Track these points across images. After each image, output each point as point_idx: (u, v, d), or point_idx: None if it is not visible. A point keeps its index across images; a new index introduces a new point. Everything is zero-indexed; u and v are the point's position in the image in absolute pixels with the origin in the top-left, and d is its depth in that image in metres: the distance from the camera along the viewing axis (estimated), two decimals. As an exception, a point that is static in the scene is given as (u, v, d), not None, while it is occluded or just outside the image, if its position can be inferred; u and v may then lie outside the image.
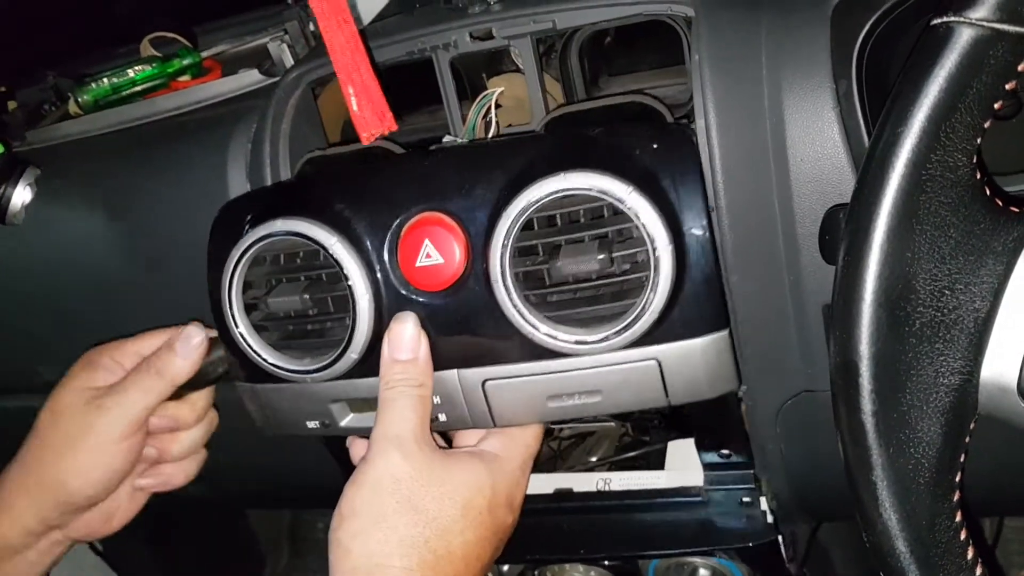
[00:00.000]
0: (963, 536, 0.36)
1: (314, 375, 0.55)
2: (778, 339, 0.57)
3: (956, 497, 0.36)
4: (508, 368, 0.53)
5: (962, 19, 0.33)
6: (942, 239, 0.34)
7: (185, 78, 0.80)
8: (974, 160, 0.35)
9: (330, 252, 0.53)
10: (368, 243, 0.54)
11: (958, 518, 0.36)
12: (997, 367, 0.35)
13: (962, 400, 0.35)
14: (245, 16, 0.92)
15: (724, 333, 0.52)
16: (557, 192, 0.49)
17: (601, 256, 0.49)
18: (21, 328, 0.78)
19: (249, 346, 0.56)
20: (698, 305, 0.50)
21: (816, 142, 0.52)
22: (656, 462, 0.70)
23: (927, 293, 0.35)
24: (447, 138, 0.63)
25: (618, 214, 0.49)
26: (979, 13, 0.33)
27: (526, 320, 0.50)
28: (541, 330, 0.50)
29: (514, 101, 0.64)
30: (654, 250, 0.48)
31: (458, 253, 0.51)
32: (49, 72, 0.87)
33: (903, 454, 0.35)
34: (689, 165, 0.50)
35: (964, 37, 0.33)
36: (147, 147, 0.74)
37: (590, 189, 0.48)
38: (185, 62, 0.81)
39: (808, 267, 0.54)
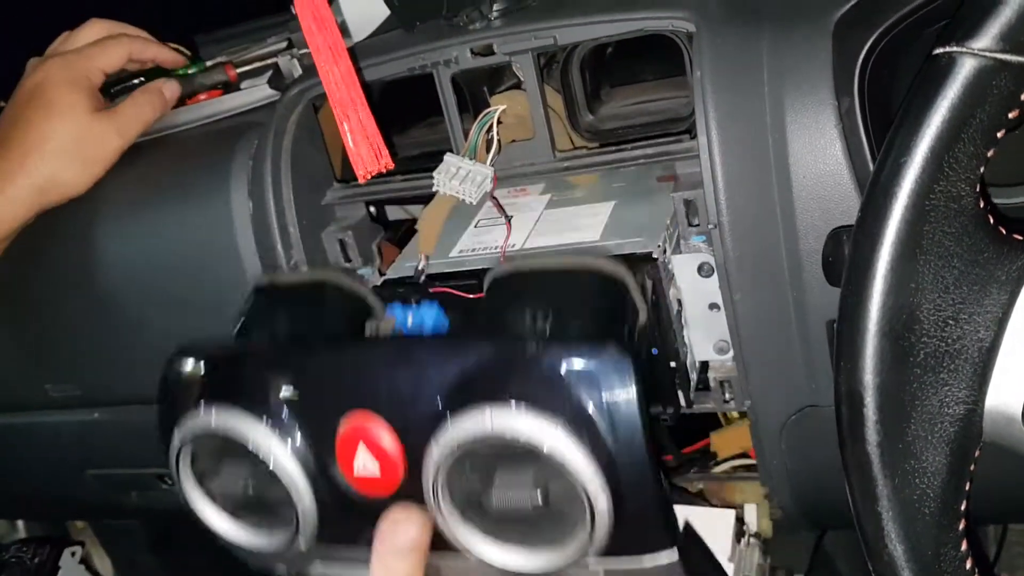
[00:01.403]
0: (968, 565, 0.36)
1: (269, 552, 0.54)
2: (782, 355, 0.57)
3: (961, 526, 0.36)
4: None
5: (965, 49, 0.33)
6: (946, 269, 0.34)
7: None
8: (977, 189, 0.35)
9: (270, 461, 0.51)
10: (308, 447, 0.52)
11: (964, 547, 0.36)
12: (1002, 396, 0.35)
13: (967, 429, 0.35)
14: (249, 25, 0.92)
15: (671, 551, 0.49)
16: (479, 435, 0.46)
17: (535, 490, 0.46)
18: (27, 347, 0.78)
19: (203, 517, 0.55)
20: (640, 531, 0.48)
21: (819, 159, 0.52)
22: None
23: (931, 323, 0.34)
24: (448, 156, 0.62)
25: None
26: (982, 43, 0.32)
27: (463, 540, 0.49)
28: (477, 550, 0.49)
29: (516, 118, 0.64)
30: (587, 495, 0.46)
31: (394, 463, 0.50)
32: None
33: (908, 484, 0.35)
34: (624, 394, 0.46)
35: (967, 68, 0.33)
36: (151, 163, 0.74)
37: (515, 435, 0.46)
38: (191, 71, 0.80)
39: (811, 284, 0.54)
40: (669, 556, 0.49)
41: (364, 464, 0.50)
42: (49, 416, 0.80)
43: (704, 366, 0.65)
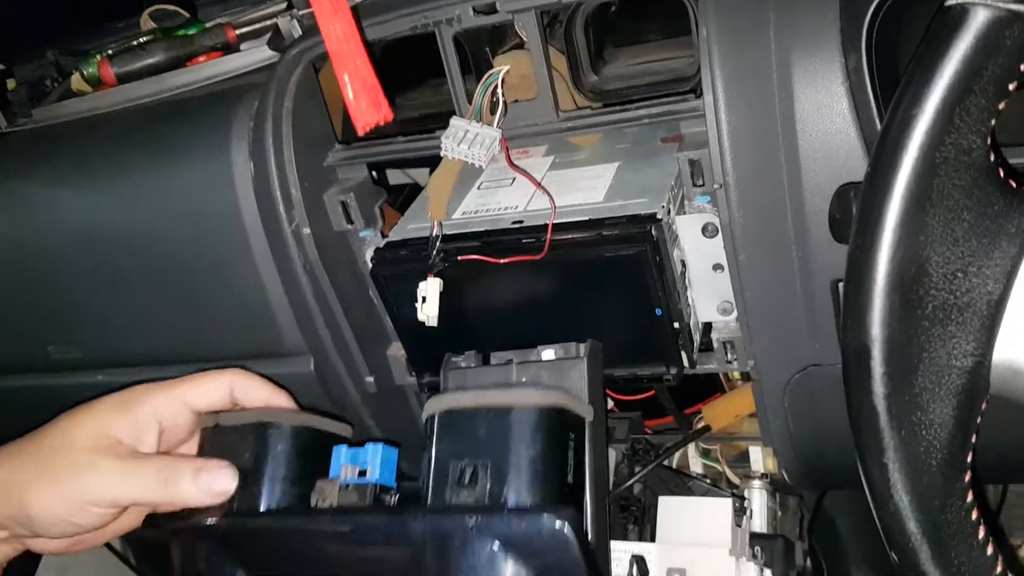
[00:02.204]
0: (975, 516, 0.36)
1: None
2: (786, 315, 0.57)
3: (968, 478, 0.36)
4: None
5: (978, 1, 0.32)
6: (955, 222, 0.34)
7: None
8: (988, 142, 0.34)
9: None
10: None
11: (969, 498, 0.36)
12: (1009, 349, 0.35)
13: (974, 382, 0.36)
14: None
15: None
16: None
17: None
18: (31, 309, 0.78)
19: None
20: None
21: (825, 117, 0.52)
22: None
23: (940, 276, 0.34)
24: (454, 120, 0.62)
25: None
26: (996, -7, 0.32)
27: None
28: None
29: (519, 79, 0.63)
30: None
31: None
32: (49, 49, 0.86)
33: (915, 436, 0.35)
34: (572, 562, 0.48)
35: (979, 19, 0.32)
36: (152, 126, 0.73)
37: None
38: (191, 32, 0.80)
39: (816, 243, 0.54)
40: None
41: None
42: (52, 379, 0.80)
43: (707, 327, 0.65)
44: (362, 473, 0.58)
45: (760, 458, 0.78)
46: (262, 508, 0.56)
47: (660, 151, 0.65)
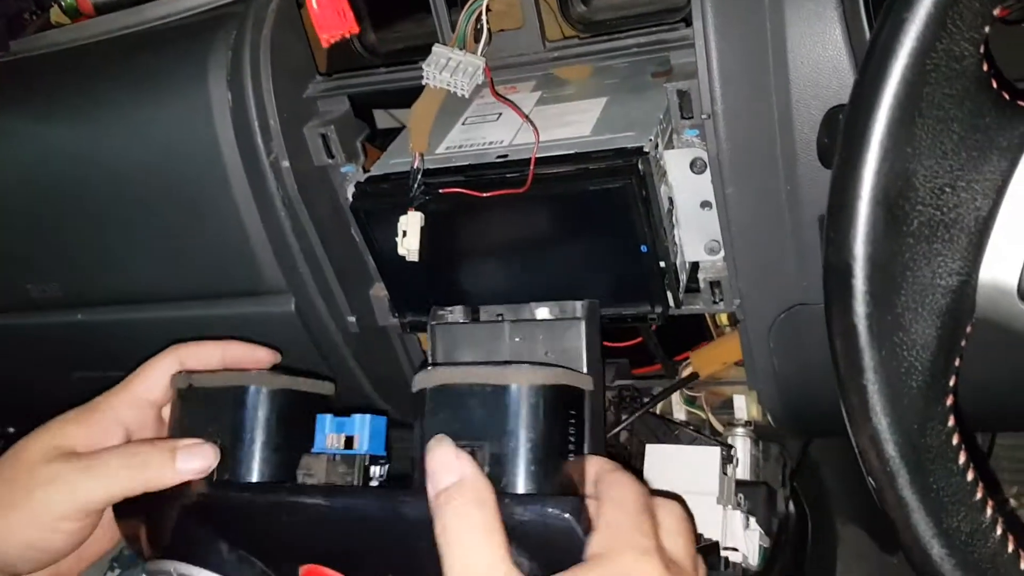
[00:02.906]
0: (955, 441, 0.35)
1: None
2: (773, 251, 0.56)
3: (949, 402, 0.35)
4: None
5: None
6: (945, 134, 0.33)
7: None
8: (981, 50, 0.33)
9: None
10: None
11: (951, 423, 0.35)
12: (997, 268, 0.34)
13: (959, 302, 0.34)
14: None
15: None
16: None
17: None
18: (8, 245, 0.77)
19: None
20: None
21: (817, 44, 0.50)
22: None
23: (927, 191, 0.33)
24: (437, 47, 0.60)
25: None
26: None
27: None
28: None
29: (505, 6, 0.61)
30: None
31: None
32: (27, -19, 0.84)
33: (896, 357, 0.34)
34: (576, 555, 0.45)
35: (975, -85, 0.31)
36: (130, 57, 0.71)
37: None
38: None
39: (805, 176, 0.53)
40: None
41: None
42: (32, 318, 0.80)
43: (694, 267, 0.64)
44: (348, 440, 0.55)
45: (744, 406, 0.77)
46: (242, 476, 0.54)
47: (650, 86, 0.64)
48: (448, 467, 0.44)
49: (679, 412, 0.83)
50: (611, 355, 0.88)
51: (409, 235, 0.59)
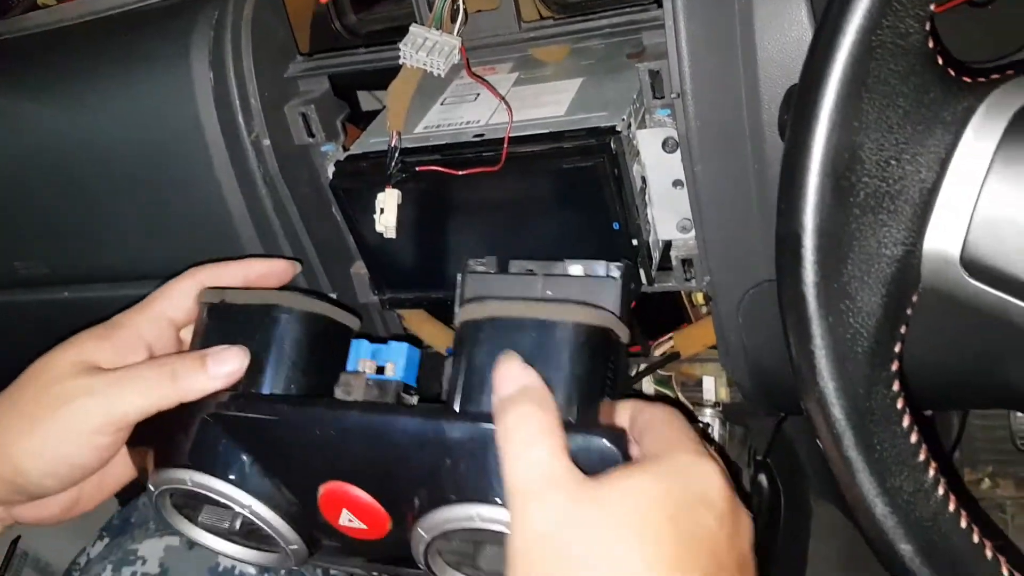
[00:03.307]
0: (900, 405, 0.36)
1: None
2: (741, 229, 0.57)
3: (894, 367, 0.36)
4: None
5: None
6: (891, 108, 0.34)
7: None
8: (927, 27, 0.34)
9: (250, 515, 0.52)
10: (288, 502, 0.53)
11: (895, 387, 0.36)
12: (941, 238, 0.35)
13: (904, 271, 0.36)
14: None
15: None
16: (465, 527, 0.47)
17: None
18: (-7, 224, 0.78)
19: (195, 540, 0.57)
20: None
21: (784, 24, 0.51)
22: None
23: (873, 163, 0.34)
24: (414, 27, 0.61)
25: None
26: None
27: None
28: None
29: (479, -13, 0.62)
30: None
31: (380, 520, 0.51)
32: (10, -39, 0.84)
33: (842, 324, 0.35)
34: None
35: None
36: (114, 37, 0.72)
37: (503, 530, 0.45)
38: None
39: (772, 154, 0.54)
40: None
41: (349, 520, 0.51)
42: (19, 295, 0.80)
43: (667, 246, 0.66)
44: (379, 370, 0.56)
45: (712, 387, 0.79)
46: (267, 393, 0.53)
47: (624, 67, 0.65)
48: (514, 377, 0.45)
49: (648, 390, 0.84)
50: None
51: (386, 212, 0.61)
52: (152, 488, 0.54)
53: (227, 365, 0.51)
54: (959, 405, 0.91)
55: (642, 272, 0.63)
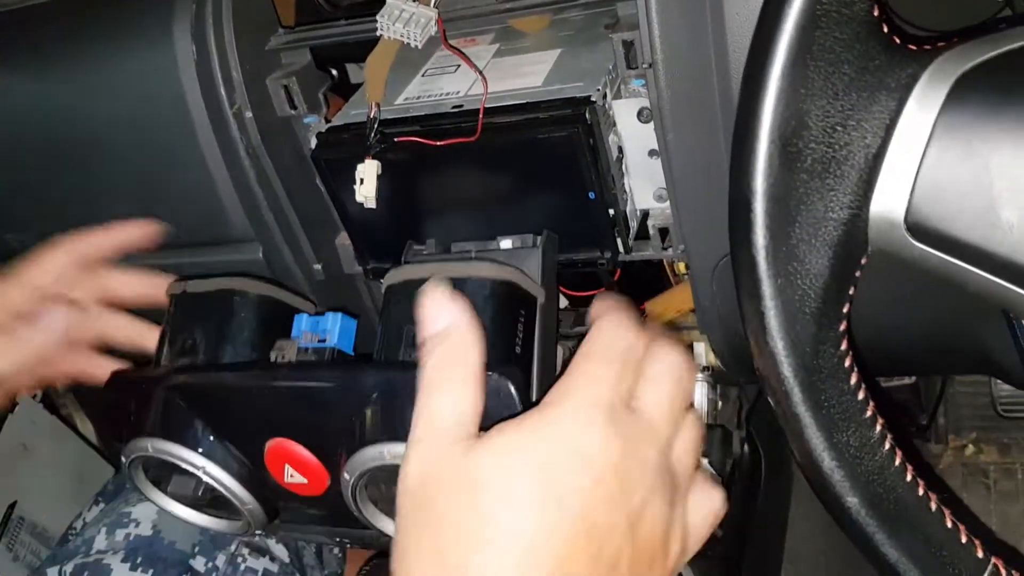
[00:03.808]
0: (847, 363, 0.38)
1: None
2: (714, 198, 0.58)
3: (842, 327, 0.38)
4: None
5: None
6: (836, 75, 0.35)
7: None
8: (872, -5, 0.35)
9: (207, 478, 0.58)
10: (239, 463, 0.58)
11: (843, 346, 0.38)
12: (886, 202, 0.37)
13: (851, 234, 0.37)
14: None
15: None
16: (380, 466, 0.51)
17: None
18: (-18, 197, 0.79)
19: (165, 509, 0.63)
20: None
21: (750, -2, 0.52)
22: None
23: (819, 129, 0.35)
24: (391, -2, 0.62)
25: None
26: None
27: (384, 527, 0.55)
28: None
29: (458, -44, 0.63)
30: None
31: (318, 474, 0.55)
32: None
33: (791, 285, 0.36)
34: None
35: None
36: (97, 10, 0.73)
37: None
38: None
39: (741, 123, 0.55)
40: None
41: (292, 475, 0.56)
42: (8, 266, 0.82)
43: (645, 215, 0.67)
44: (321, 342, 0.60)
45: (703, 352, 0.80)
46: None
47: (602, 37, 0.65)
48: (442, 311, 0.44)
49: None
50: (575, 304, 0.92)
51: (366, 182, 0.62)
52: (124, 460, 0.59)
53: None
54: (921, 369, 0.92)
55: (619, 240, 0.64)
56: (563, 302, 0.90)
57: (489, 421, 0.49)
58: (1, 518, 0.89)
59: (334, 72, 0.76)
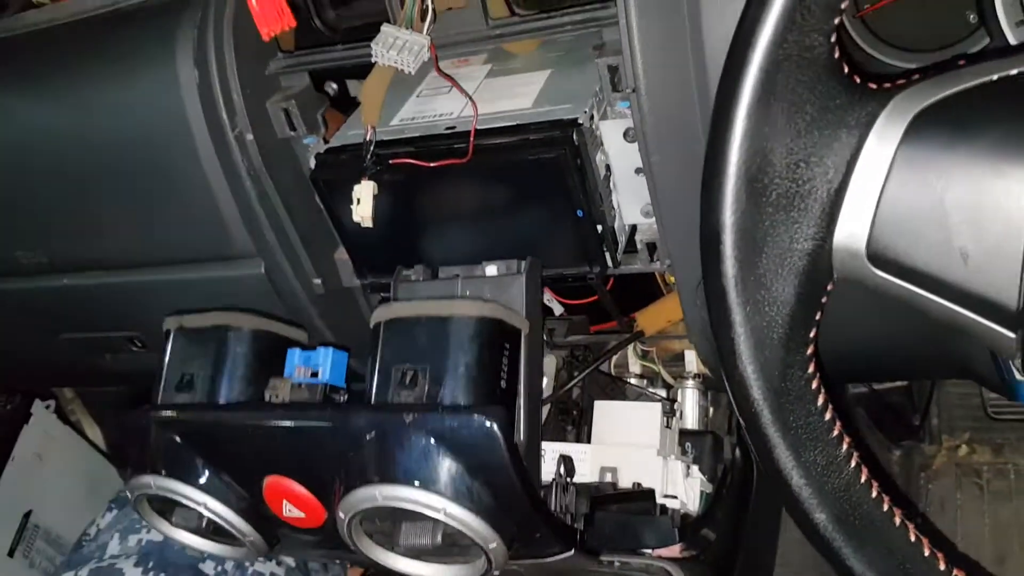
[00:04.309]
0: (814, 385, 0.40)
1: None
2: (697, 215, 0.60)
3: (809, 351, 0.40)
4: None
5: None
6: (799, 115, 0.37)
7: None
8: (832, 40, 0.37)
9: (208, 513, 0.61)
10: (239, 497, 0.61)
11: (810, 370, 0.40)
12: (848, 233, 0.38)
13: (816, 264, 0.39)
14: None
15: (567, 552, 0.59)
16: (374, 506, 0.54)
17: (436, 535, 0.55)
18: (-2, 216, 0.81)
19: (173, 538, 0.66)
20: (536, 546, 0.58)
21: (728, 24, 0.52)
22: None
23: (784, 166, 0.37)
24: (385, 27, 0.64)
25: None
26: None
27: (383, 562, 0.58)
28: (397, 566, 0.58)
29: (449, -15, 0.65)
30: (483, 548, 0.54)
31: (315, 509, 0.58)
32: (5, -40, 0.87)
33: (759, 312, 0.38)
34: (496, 456, 0.53)
35: (818, -78, 0.35)
36: (104, 36, 0.75)
37: (407, 507, 0.53)
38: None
39: (723, 145, 0.57)
40: (566, 553, 0.59)
41: (290, 510, 0.59)
42: (22, 283, 0.84)
43: (633, 229, 0.69)
44: (314, 374, 0.63)
45: (694, 359, 0.82)
46: (221, 403, 0.63)
47: (590, 59, 0.67)
48: None
49: (634, 366, 0.88)
50: (571, 312, 0.94)
51: (362, 203, 0.64)
52: (129, 495, 0.61)
53: None
54: (905, 375, 0.94)
55: (607, 255, 0.66)
56: (558, 309, 0.93)
57: (476, 460, 0.52)
58: (17, 526, 0.92)
59: (334, 86, 0.78)
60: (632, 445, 0.72)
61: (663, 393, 0.82)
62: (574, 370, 0.80)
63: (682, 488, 0.73)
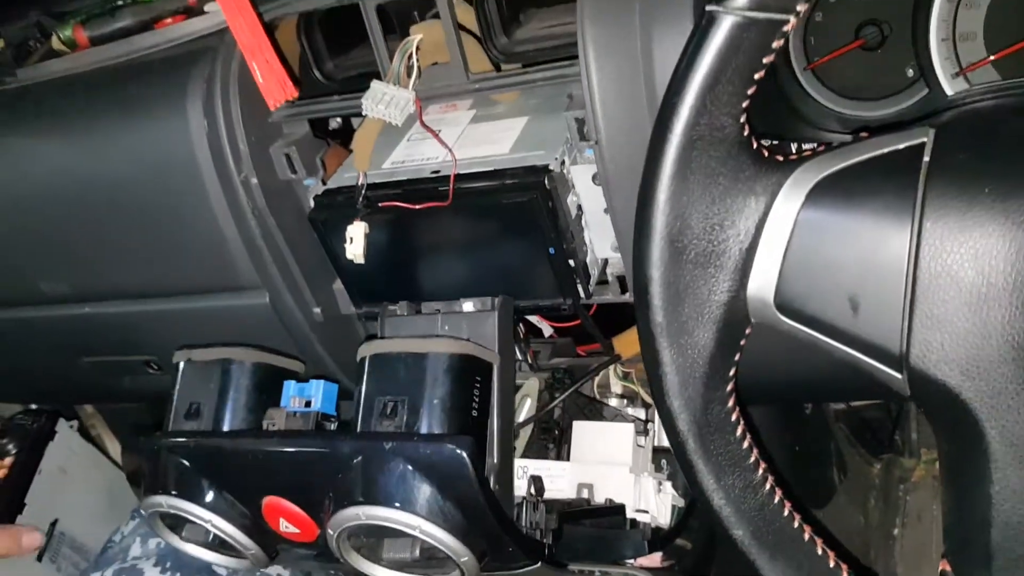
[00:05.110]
0: (734, 417, 0.45)
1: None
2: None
3: (729, 388, 0.45)
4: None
5: (722, 8, 0.40)
6: (713, 185, 0.43)
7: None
8: (741, 120, 0.43)
9: (214, 529, 0.69)
10: (240, 514, 0.69)
11: (730, 403, 0.45)
12: (759, 285, 0.44)
13: (732, 312, 0.45)
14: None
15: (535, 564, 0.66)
16: (359, 525, 0.62)
17: (415, 548, 0.62)
18: (23, 249, 0.88)
19: (183, 550, 0.75)
20: (506, 560, 0.65)
21: (679, 83, 0.60)
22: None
23: (701, 229, 0.43)
24: (374, 83, 0.70)
25: None
26: (736, 3, 0.40)
27: (366, 570, 0.66)
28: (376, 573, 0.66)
29: (434, 46, 0.71)
30: (456, 561, 0.62)
31: (309, 526, 0.66)
32: (32, 10, 0.94)
33: (682, 354, 0.44)
34: (465, 481, 0.60)
35: (724, 23, 0.40)
36: (120, 85, 0.82)
37: (387, 524, 0.61)
38: (154, -2, 0.87)
39: (676, 192, 0.63)
40: (533, 566, 0.66)
41: (286, 527, 0.68)
42: (46, 311, 0.91)
43: (605, 263, 0.75)
44: (307, 404, 0.72)
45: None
46: (224, 430, 0.71)
47: (565, 107, 0.73)
48: None
49: (616, 386, 0.94)
50: (560, 334, 1.00)
51: (355, 242, 0.70)
52: (143, 513, 0.68)
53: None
54: (836, 397, 1.02)
55: (580, 287, 0.72)
56: (548, 331, 0.99)
57: (447, 483, 0.59)
58: (45, 534, 0.99)
59: (339, 120, 0.85)
60: (607, 463, 0.78)
61: (643, 412, 0.87)
62: (555, 392, 0.86)
63: (654, 503, 0.79)
